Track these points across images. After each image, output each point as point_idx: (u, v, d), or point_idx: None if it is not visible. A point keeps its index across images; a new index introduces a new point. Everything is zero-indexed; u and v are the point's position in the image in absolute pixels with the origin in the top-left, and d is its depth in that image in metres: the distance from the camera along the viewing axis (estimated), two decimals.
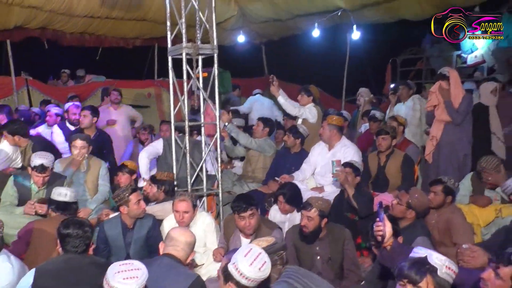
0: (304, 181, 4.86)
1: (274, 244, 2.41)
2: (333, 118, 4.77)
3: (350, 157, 4.53)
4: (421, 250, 2.10)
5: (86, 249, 2.59)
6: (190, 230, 2.98)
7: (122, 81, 8.73)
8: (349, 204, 3.95)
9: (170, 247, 2.58)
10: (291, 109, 5.44)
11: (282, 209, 4.02)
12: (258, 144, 5.26)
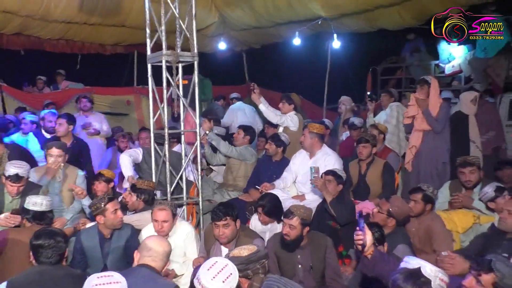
0: (285, 189, 4.87)
1: (256, 252, 2.40)
2: (315, 126, 4.76)
3: (331, 165, 4.55)
4: (413, 260, 2.10)
5: (60, 259, 2.53)
6: (166, 239, 2.95)
7: (101, 88, 8.62)
8: None
9: (147, 257, 2.54)
10: (272, 116, 5.45)
11: (262, 220, 4.01)
12: (239, 152, 5.25)
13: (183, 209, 4.59)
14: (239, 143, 5.43)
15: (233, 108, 7.93)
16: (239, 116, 7.66)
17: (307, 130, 4.79)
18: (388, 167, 4.79)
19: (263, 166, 5.24)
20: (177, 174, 4.45)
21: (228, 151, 5.22)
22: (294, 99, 5.65)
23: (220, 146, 5.20)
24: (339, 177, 4.14)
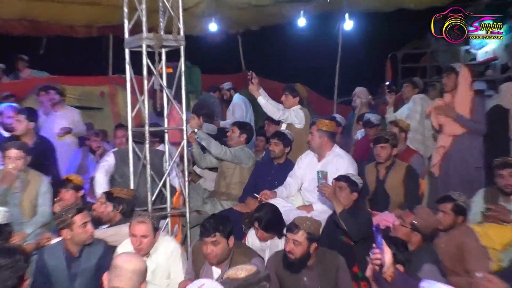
0: (289, 198, 4.89)
1: (256, 274, 2.36)
2: (324, 123, 4.79)
3: (344, 169, 4.57)
4: (432, 285, 2.10)
5: (19, 283, 2.49)
6: (138, 255, 2.94)
7: (68, 77, 8.56)
8: None
9: (114, 278, 2.52)
10: (273, 111, 5.45)
11: (260, 236, 4.04)
12: (234, 154, 5.28)
13: (166, 222, 4.59)
14: (234, 143, 5.44)
15: (241, 100, 8.04)
16: (237, 112, 7.83)
17: (315, 128, 4.81)
18: (411, 172, 4.81)
19: (263, 170, 5.25)
20: (160, 179, 4.44)
21: (220, 153, 5.23)
22: (299, 90, 5.66)
23: (211, 147, 5.22)
24: (354, 184, 4.14)
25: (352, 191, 4.12)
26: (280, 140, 5.18)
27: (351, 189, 4.11)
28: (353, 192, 4.12)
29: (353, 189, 4.12)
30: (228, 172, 5.34)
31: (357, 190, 4.15)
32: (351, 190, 4.11)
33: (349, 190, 4.10)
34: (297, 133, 5.43)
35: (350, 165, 4.69)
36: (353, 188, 4.12)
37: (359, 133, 6.70)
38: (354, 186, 4.13)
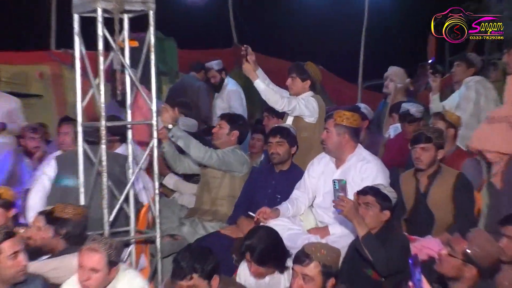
0: (296, 217, 4.91)
1: None
2: (345, 115, 4.80)
3: (371, 178, 4.59)
4: None
5: None
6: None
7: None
8: None
9: None
10: (275, 100, 5.44)
11: (254, 272, 4.07)
12: (222, 158, 5.31)
13: (129, 250, 4.58)
14: (221, 143, 5.48)
15: (238, 88, 8.21)
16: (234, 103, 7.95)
17: (332, 122, 4.81)
18: (463, 182, 4.83)
19: (260, 180, 5.28)
20: (121, 192, 4.42)
21: (204, 157, 5.28)
22: (311, 71, 5.66)
23: (190, 148, 5.25)
24: (385, 199, 4.13)
25: (383, 208, 4.11)
26: (283, 137, 5.20)
27: (381, 205, 4.10)
28: (383, 210, 4.11)
29: (383, 206, 4.11)
30: (214, 183, 5.35)
31: (389, 208, 4.14)
32: (381, 208, 4.10)
33: (379, 208, 4.10)
34: (307, 129, 5.46)
35: (380, 173, 4.72)
36: (383, 205, 4.11)
37: (392, 129, 6.70)
38: (386, 202, 4.13)
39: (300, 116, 5.55)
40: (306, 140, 5.48)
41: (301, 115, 5.54)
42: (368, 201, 4.09)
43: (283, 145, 5.20)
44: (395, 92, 7.15)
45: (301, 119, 5.54)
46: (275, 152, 5.21)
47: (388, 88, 7.26)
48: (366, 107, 7.05)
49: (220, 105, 8.13)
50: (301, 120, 5.53)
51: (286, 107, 5.49)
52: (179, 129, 5.27)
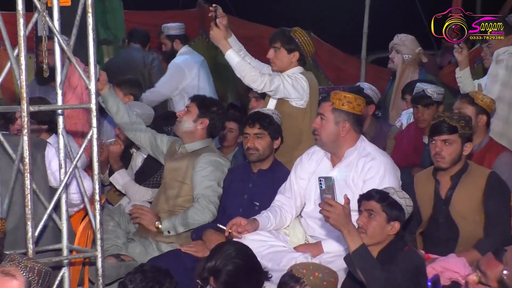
0: (281, 231, 4.99)
1: None
2: (345, 98, 4.82)
3: (378, 179, 4.66)
4: None
5: None
6: None
7: None
8: None
9: None
10: (252, 76, 5.49)
11: None
12: (190, 154, 5.55)
13: (62, 273, 4.48)
14: (185, 133, 5.64)
15: (180, 63, 8.23)
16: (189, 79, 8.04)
17: (329, 106, 4.85)
18: (496, 184, 4.83)
19: (234, 183, 5.41)
20: (50, 198, 4.39)
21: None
22: (300, 40, 5.70)
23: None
24: (393, 206, 4.12)
25: (390, 218, 4.09)
26: (264, 128, 5.28)
27: (387, 215, 4.08)
28: (391, 221, 4.09)
29: (391, 215, 4.09)
30: (171, 185, 5.51)
31: (398, 218, 4.12)
32: (388, 217, 4.09)
33: (384, 217, 4.08)
34: (294, 115, 5.56)
35: (389, 173, 4.76)
36: (391, 214, 4.09)
37: (405, 117, 6.80)
38: (394, 211, 4.11)
39: (286, 98, 5.60)
40: (293, 129, 5.57)
41: (287, 97, 5.59)
42: (372, 208, 4.09)
43: (263, 138, 5.28)
44: (403, 67, 7.28)
45: (286, 102, 5.61)
46: (253, 146, 5.27)
47: (394, 62, 7.39)
48: (371, 88, 7.07)
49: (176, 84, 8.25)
50: (287, 104, 5.60)
51: (266, 86, 5.52)
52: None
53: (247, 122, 5.43)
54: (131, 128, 5.78)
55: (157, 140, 5.83)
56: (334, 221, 3.93)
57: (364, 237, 3.99)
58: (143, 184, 6.12)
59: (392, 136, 6.62)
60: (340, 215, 3.92)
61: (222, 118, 5.89)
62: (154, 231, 5.40)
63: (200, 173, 5.43)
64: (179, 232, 5.38)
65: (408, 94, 6.73)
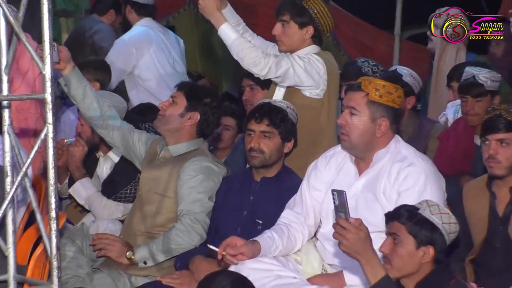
0: (290, 257, 4.94)
1: None
2: (384, 88, 4.77)
3: (417, 191, 4.60)
4: None
5: None
6: None
7: None
8: None
9: None
10: (253, 58, 5.50)
11: None
12: (175, 158, 5.59)
13: None
14: (169, 131, 5.66)
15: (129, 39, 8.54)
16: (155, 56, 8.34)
17: (361, 98, 4.79)
18: None
19: (231, 194, 5.43)
20: None
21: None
22: (315, 11, 5.70)
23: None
24: (424, 226, 4.08)
25: (421, 242, 4.06)
26: (275, 126, 5.25)
27: (417, 238, 4.06)
28: (422, 246, 4.07)
29: (422, 238, 4.06)
30: (151, 198, 5.52)
31: (432, 241, 4.08)
32: (418, 242, 4.07)
33: (413, 242, 4.06)
34: (308, 108, 5.61)
35: (431, 182, 4.67)
36: (421, 237, 4.06)
37: (451, 111, 6.86)
38: (425, 231, 4.07)
39: (297, 87, 5.62)
40: (306, 127, 5.56)
41: (298, 85, 5.61)
42: (396, 230, 4.09)
43: (272, 138, 5.25)
44: (443, 45, 7.32)
45: (297, 92, 5.64)
46: (257, 147, 5.23)
47: (433, 41, 7.52)
48: (411, 74, 7.04)
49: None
50: (298, 94, 5.63)
51: (272, 71, 5.50)
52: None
53: (253, 116, 5.37)
54: (103, 123, 5.76)
55: (133, 138, 5.83)
56: (347, 247, 4.00)
57: (389, 268, 4.04)
58: (113, 198, 6.15)
59: (435, 135, 6.65)
60: (354, 239, 3.97)
61: (217, 112, 5.83)
62: (126, 263, 5.40)
63: (187, 184, 5.40)
64: (159, 261, 5.36)
65: (456, 81, 6.81)
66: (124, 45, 8.43)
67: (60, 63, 5.32)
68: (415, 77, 6.99)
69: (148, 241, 5.45)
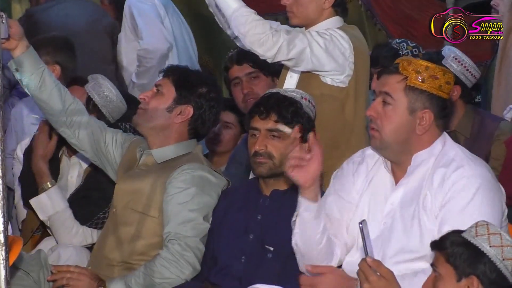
0: None
1: None
2: (428, 70, 4.79)
3: (466, 201, 4.63)
4: None
5: None
6: None
7: None
8: None
9: None
10: (259, 35, 5.59)
11: None
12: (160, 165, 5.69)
13: None
14: (151, 130, 5.74)
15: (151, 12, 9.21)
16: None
17: (396, 83, 4.82)
18: None
19: (233, 213, 5.51)
20: None
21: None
22: None
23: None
24: (465, 253, 4.09)
25: (462, 274, 4.08)
26: (286, 122, 5.31)
27: (457, 270, 4.08)
28: (463, 278, 4.08)
29: (464, 269, 4.08)
30: (129, 218, 5.59)
31: (477, 272, 4.09)
32: (459, 274, 4.09)
33: (453, 274, 4.09)
34: (329, 99, 5.78)
35: (483, 191, 4.67)
36: (463, 268, 4.08)
37: None
38: (475, 260, 4.09)
39: (314, 72, 5.77)
40: (327, 122, 5.68)
41: (316, 70, 5.76)
42: (435, 261, 4.15)
43: (283, 138, 5.27)
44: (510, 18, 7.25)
45: (315, 78, 5.80)
46: (263, 151, 5.26)
47: (500, 12, 7.63)
48: (456, 56, 7.20)
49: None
50: (316, 81, 5.79)
51: (282, 52, 5.60)
52: None
53: (257, 110, 5.39)
54: (66, 120, 5.75)
55: (106, 138, 5.83)
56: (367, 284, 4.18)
57: None
58: (88, 224, 6.26)
59: (501, 138, 6.67)
60: (376, 283, 4.15)
61: (215, 106, 5.80)
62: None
63: (175, 199, 5.41)
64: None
65: None
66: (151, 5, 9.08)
67: (10, 41, 5.31)
68: (463, 61, 7.11)
69: (125, 273, 5.37)
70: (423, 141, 4.82)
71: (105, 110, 6.22)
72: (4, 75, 6.05)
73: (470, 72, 6.92)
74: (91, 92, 6.34)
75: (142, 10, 9.32)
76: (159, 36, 9.24)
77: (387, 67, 5.02)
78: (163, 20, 9.41)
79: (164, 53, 9.20)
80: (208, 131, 5.91)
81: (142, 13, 9.32)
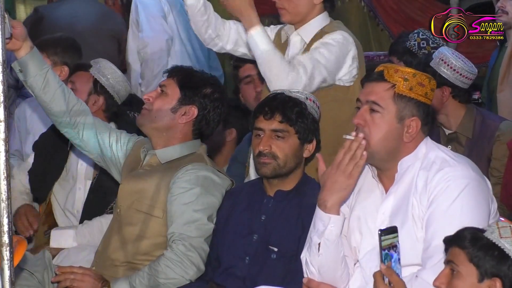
0: None
1: None
2: (413, 78, 4.75)
3: (454, 211, 4.56)
4: None
5: None
6: None
7: None
8: None
9: None
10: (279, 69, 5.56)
11: None
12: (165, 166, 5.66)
13: None
14: (153, 130, 5.73)
15: None
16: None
17: (384, 91, 4.78)
18: None
19: (238, 213, 5.51)
20: None
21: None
22: None
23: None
24: (488, 253, 4.05)
25: (485, 274, 4.04)
26: (290, 122, 5.30)
27: (479, 268, 4.04)
28: (485, 279, 4.06)
29: (486, 268, 4.03)
30: (133, 218, 5.56)
31: (500, 273, 4.05)
32: (481, 274, 4.05)
33: (474, 273, 4.04)
34: (335, 98, 5.80)
35: (468, 191, 4.62)
36: (486, 267, 4.03)
37: None
38: (491, 260, 4.05)
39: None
40: (332, 123, 5.70)
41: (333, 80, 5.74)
42: (453, 258, 4.09)
43: (287, 138, 5.30)
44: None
45: None
46: (268, 151, 5.25)
47: (508, 13, 7.71)
48: (462, 59, 7.02)
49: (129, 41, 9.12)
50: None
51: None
52: None
53: (261, 111, 5.38)
54: (70, 121, 5.75)
55: (110, 139, 5.82)
56: None
57: None
58: None
59: (502, 137, 6.61)
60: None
61: (220, 106, 5.81)
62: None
63: (179, 199, 5.41)
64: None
65: None
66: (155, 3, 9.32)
67: (13, 41, 5.29)
68: (451, 63, 6.92)
69: (130, 274, 5.44)
70: (409, 147, 4.82)
71: (112, 91, 6.33)
72: (12, 76, 6.01)
73: (460, 74, 6.86)
74: (97, 75, 6.44)
75: (146, 4, 9.64)
76: (158, 28, 9.53)
77: (371, 73, 5.00)
78: (166, 16, 9.67)
79: (163, 46, 9.45)
80: (212, 132, 5.90)
81: (145, 7, 9.62)
